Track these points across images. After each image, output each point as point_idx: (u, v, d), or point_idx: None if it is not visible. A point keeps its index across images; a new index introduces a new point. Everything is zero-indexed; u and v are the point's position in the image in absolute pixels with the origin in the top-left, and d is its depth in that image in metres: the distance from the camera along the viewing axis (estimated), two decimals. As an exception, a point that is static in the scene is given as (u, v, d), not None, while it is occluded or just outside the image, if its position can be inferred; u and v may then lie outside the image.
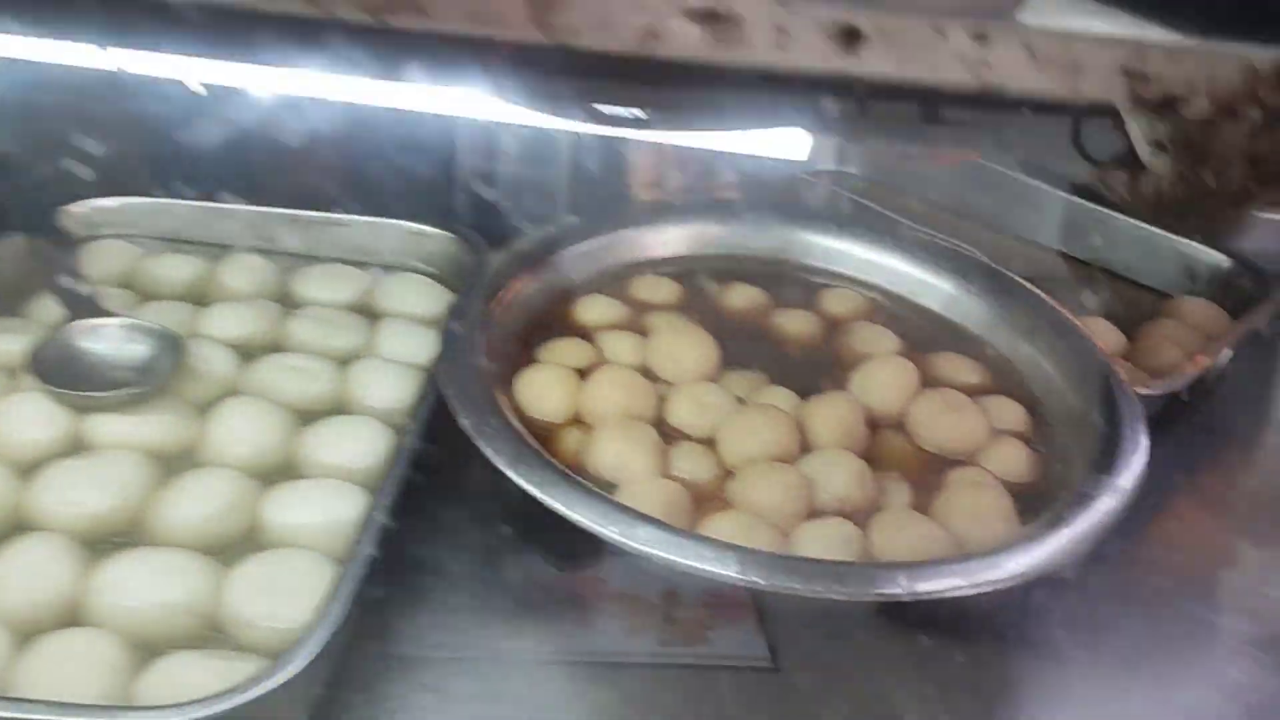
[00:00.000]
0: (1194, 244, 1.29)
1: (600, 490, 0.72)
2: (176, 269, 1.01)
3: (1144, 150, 0.39)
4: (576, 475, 0.73)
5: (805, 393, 0.88)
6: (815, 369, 0.94)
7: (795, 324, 1.00)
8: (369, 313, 1.00)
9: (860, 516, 0.78)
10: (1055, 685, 0.78)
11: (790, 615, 0.78)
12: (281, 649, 0.61)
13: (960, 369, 0.96)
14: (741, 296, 1.03)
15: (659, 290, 1.02)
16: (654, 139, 0.74)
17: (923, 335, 1.00)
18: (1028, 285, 0.99)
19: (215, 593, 0.69)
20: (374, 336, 0.95)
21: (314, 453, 0.81)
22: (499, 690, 0.71)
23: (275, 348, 0.93)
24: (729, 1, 0.32)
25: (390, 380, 0.88)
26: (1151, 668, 0.81)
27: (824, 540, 0.74)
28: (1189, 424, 1.10)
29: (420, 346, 0.93)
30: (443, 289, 1.02)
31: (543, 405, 0.85)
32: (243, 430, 0.81)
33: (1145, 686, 0.79)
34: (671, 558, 0.66)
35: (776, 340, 0.98)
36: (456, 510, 0.84)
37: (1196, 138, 0.38)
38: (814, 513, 0.78)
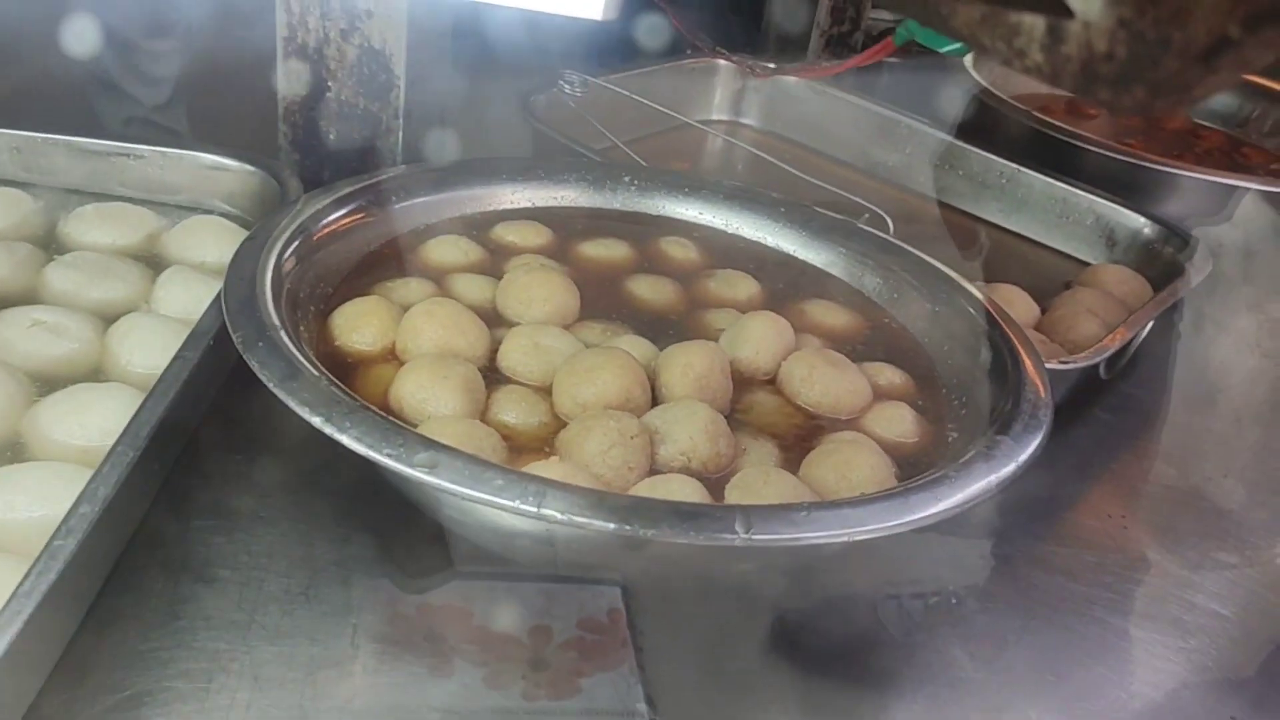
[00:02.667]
0: (1114, 206, 1.18)
1: (386, 416, 0.58)
2: (-89, 204, 0.83)
3: None
4: (362, 401, 0.58)
5: (668, 341, 0.74)
6: (688, 325, 0.81)
7: (663, 282, 0.85)
8: (153, 260, 0.83)
9: (713, 477, 0.65)
10: (952, 716, 0.65)
11: (673, 656, 0.64)
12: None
13: (843, 327, 0.83)
14: (609, 249, 0.88)
15: (527, 235, 0.87)
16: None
17: (807, 292, 0.86)
18: (922, 255, 0.86)
19: None
20: (151, 287, 0.78)
21: (45, 429, 0.65)
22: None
23: (25, 299, 0.76)
24: None
25: (159, 338, 0.72)
26: (1058, 689, 0.68)
27: (663, 496, 0.60)
28: (1106, 404, 0.99)
29: (204, 298, 0.76)
30: (244, 234, 0.85)
31: (353, 336, 0.71)
32: (-47, 400, 0.64)
33: (1051, 710, 0.67)
34: (453, 487, 0.52)
35: (645, 296, 0.84)
36: (234, 492, 0.69)
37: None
38: (656, 470, 0.64)
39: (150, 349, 0.71)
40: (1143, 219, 1.16)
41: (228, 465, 0.71)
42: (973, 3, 0.29)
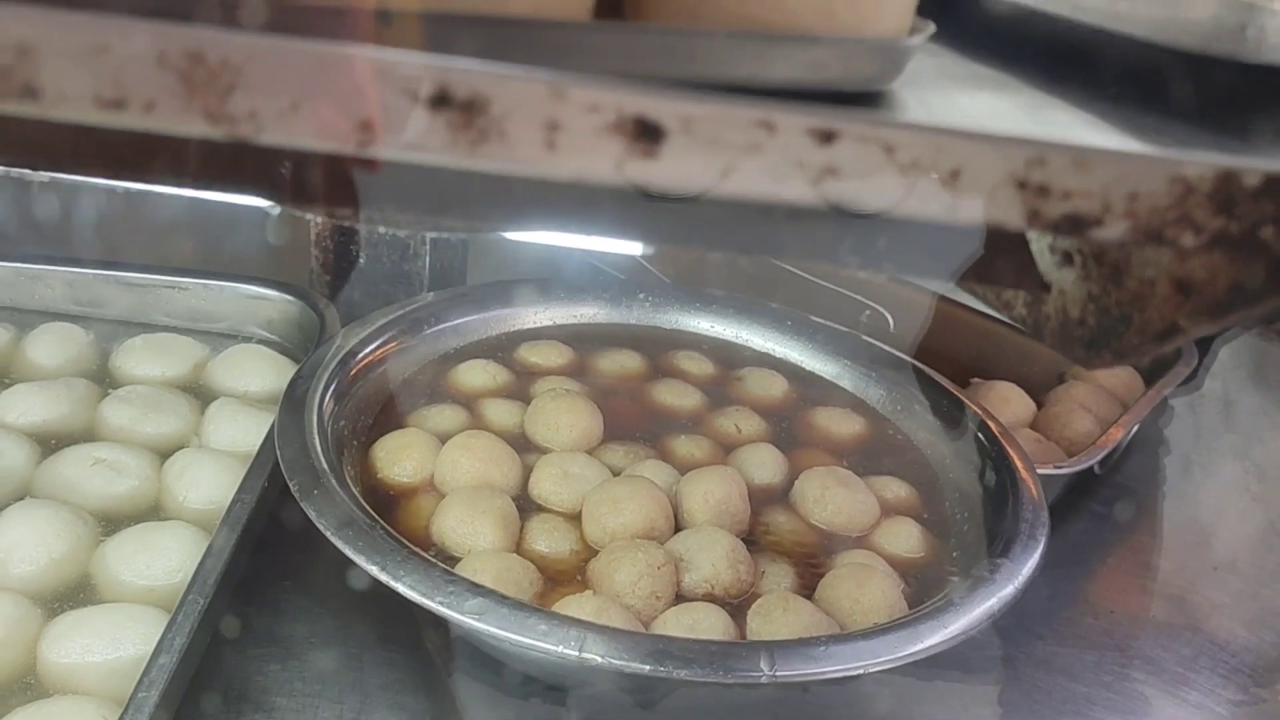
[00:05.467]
0: (1103, 300, 1.24)
1: (435, 561, 0.63)
2: (-26, 341, 0.89)
3: (1046, 262, 0.31)
4: (414, 545, 0.64)
5: (688, 465, 0.80)
6: (705, 432, 0.87)
7: (684, 389, 0.91)
8: (200, 390, 0.88)
9: (735, 601, 0.70)
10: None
11: None
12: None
13: (852, 438, 0.88)
14: (627, 364, 0.94)
15: (549, 355, 0.93)
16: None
17: (816, 402, 0.92)
18: (922, 367, 0.92)
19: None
20: (200, 419, 0.84)
21: (112, 570, 0.69)
22: None
23: (84, 436, 0.81)
24: (474, 83, 0.23)
25: (213, 475, 0.77)
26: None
27: (689, 628, 0.65)
28: (1100, 497, 1.03)
29: (252, 430, 0.81)
30: (286, 361, 0.91)
31: (394, 470, 0.76)
32: (29, 545, 0.69)
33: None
34: (503, 633, 0.57)
35: (660, 409, 0.89)
36: (289, 621, 0.74)
37: (1112, 251, 0.31)
38: (682, 597, 0.69)
39: (204, 486, 0.76)
40: (1131, 311, 1.21)
41: (279, 593, 0.76)
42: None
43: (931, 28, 0.35)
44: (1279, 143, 0.34)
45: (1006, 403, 1.05)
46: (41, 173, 0.93)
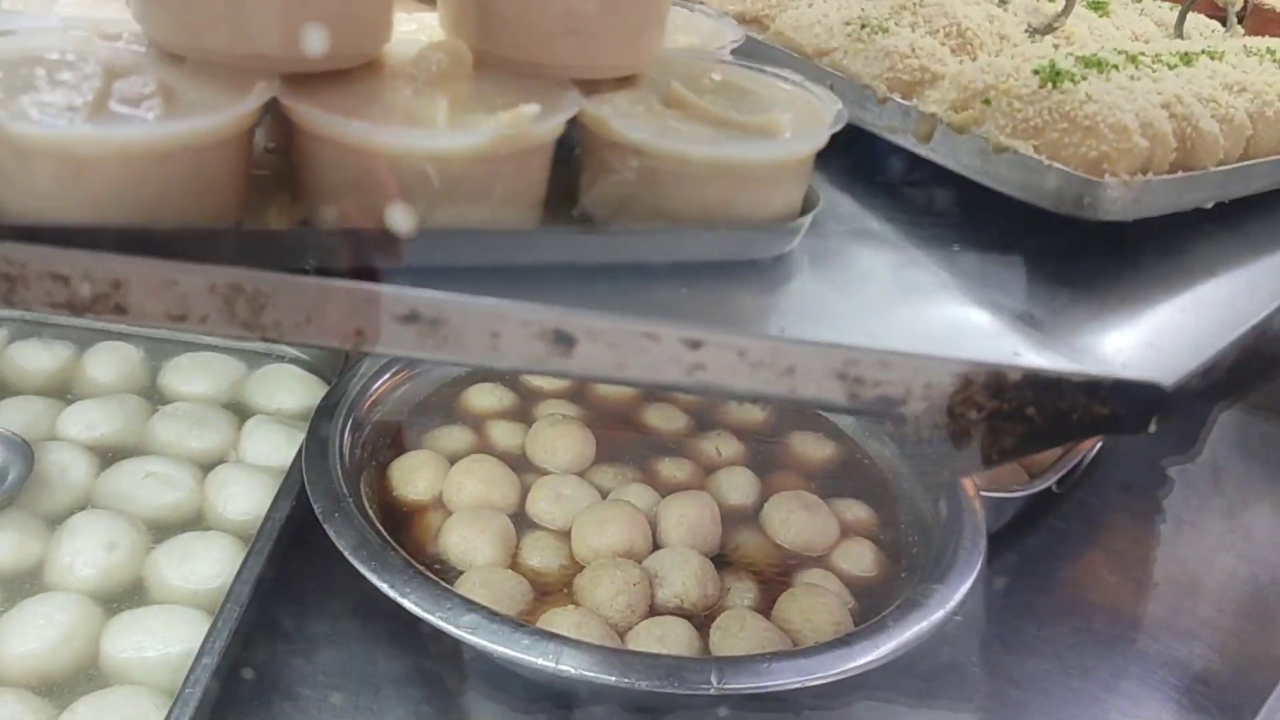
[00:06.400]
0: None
1: (437, 578, 0.74)
2: (40, 360, 0.99)
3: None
4: (421, 562, 0.74)
5: (670, 487, 0.90)
6: (688, 454, 0.96)
7: (670, 417, 1.01)
8: (237, 407, 0.98)
9: (702, 615, 0.79)
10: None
11: None
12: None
13: (823, 460, 0.98)
14: (623, 388, 1.03)
15: (551, 379, 1.02)
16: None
17: (792, 426, 1.01)
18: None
19: (42, 740, 0.68)
20: (238, 435, 0.94)
21: (162, 574, 0.80)
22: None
23: (136, 449, 0.92)
24: (438, 307, 0.33)
25: (249, 489, 0.87)
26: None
27: (659, 639, 0.75)
28: (1058, 513, 1.12)
29: (284, 447, 0.92)
30: (315, 380, 1.01)
31: (408, 489, 0.87)
32: (91, 551, 0.80)
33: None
34: (492, 646, 0.68)
35: (649, 431, 0.99)
36: (314, 620, 0.84)
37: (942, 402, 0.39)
38: (655, 610, 0.79)
39: (242, 499, 0.87)
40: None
41: (304, 595, 0.86)
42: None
43: (819, 205, 0.44)
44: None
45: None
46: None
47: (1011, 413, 0.36)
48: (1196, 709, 0.91)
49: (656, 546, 0.85)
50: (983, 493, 0.90)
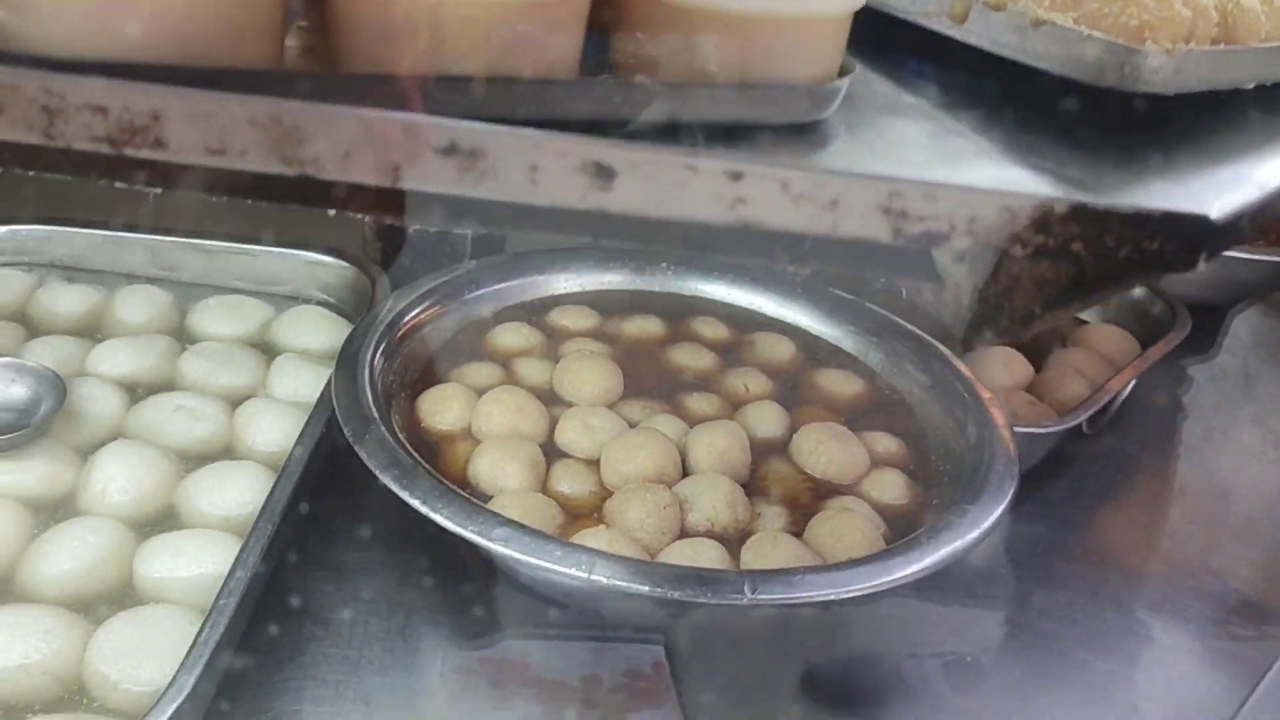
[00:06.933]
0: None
1: (469, 497, 0.73)
2: (69, 301, 1.00)
3: (941, 259, 0.39)
4: (452, 484, 0.74)
5: (698, 420, 0.89)
6: (717, 391, 0.96)
7: (698, 350, 1.00)
8: (266, 347, 0.99)
9: (733, 539, 0.79)
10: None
11: (711, 703, 0.78)
12: (142, 713, 0.60)
13: (851, 396, 0.97)
14: (648, 327, 1.03)
15: (576, 318, 1.02)
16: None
17: (820, 363, 1.00)
18: (920, 333, 1.00)
19: (78, 652, 0.68)
20: (266, 373, 0.94)
21: (194, 501, 0.80)
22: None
23: (166, 386, 0.92)
24: (476, 138, 0.32)
25: (278, 421, 0.88)
26: (1033, 713, 0.82)
27: (690, 559, 0.75)
28: (1089, 455, 1.11)
29: (312, 383, 0.92)
30: (342, 322, 1.01)
31: (436, 419, 0.87)
32: (122, 478, 0.80)
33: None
34: (524, 557, 0.67)
35: (676, 369, 0.98)
36: (343, 548, 0.85)
37: (987, 255, 0.39)
38: (685, 534, 0.79)
39: (271, 431, 0.87)
40: (1133, 281, 1.28)
41: (337, 524, 0.87)
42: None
43: (855, 71, 0.44)
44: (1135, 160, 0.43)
45: (1006, 367, 1.13)
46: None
47: (1058, 249, 0.36)
48: (1233, 639, 0.90)
49: (686, 476, 0.84)
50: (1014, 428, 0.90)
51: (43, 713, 0.65)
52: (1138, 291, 1.27)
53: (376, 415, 0.79)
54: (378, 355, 0.87)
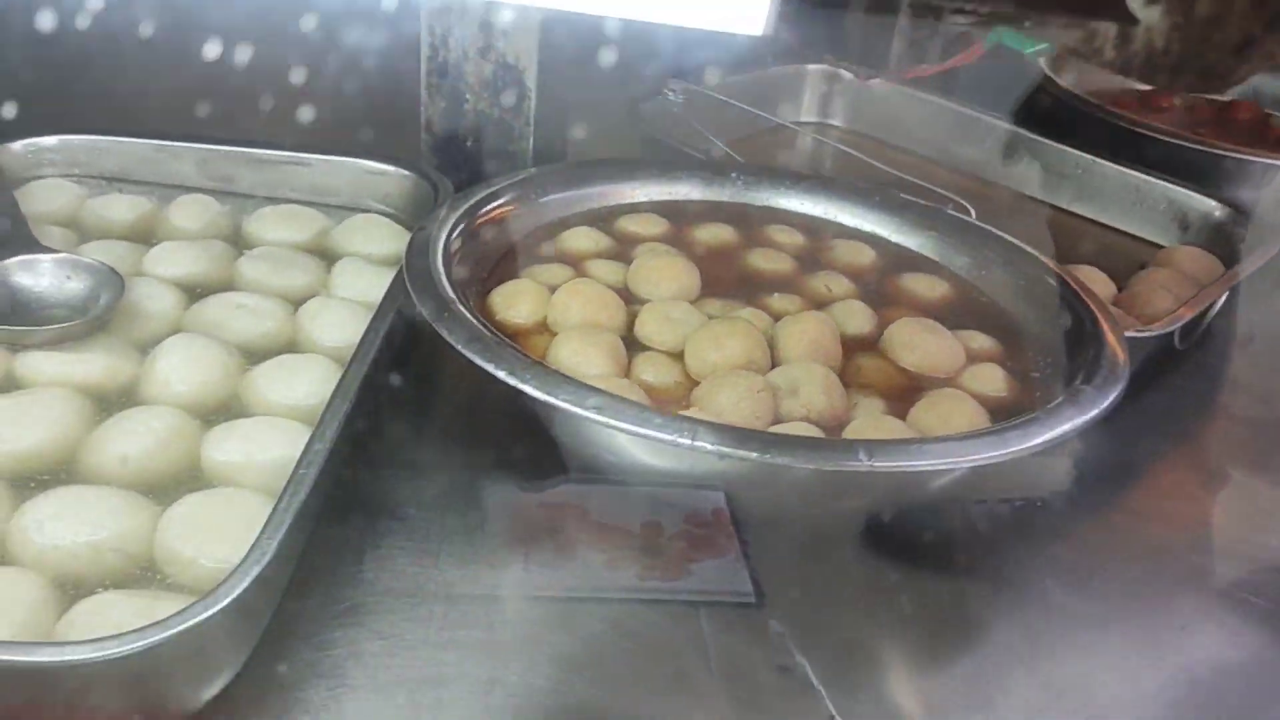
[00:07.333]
0: (1186, 191, 1.26)
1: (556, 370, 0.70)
2: (121, 208, 0.96)
3: (1136, 2, 0.35)
4: (534, 359, 0.70)
5: (783, 316, 0.85)
6: (799, 293, 0.92)
7: (776, 254, 0.96)
8: (324, 254, 0.95)
9: (830, 427, 0.74)
10: (1040, 628, 0.74)
11: (773, 551, 0.74)
12: (213, 588, 0.56)
13: (938, 299, 0.93)
14: (721, 235, 0.99)
15: (647, 224, 0.98)
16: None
17: (903, 269, 0.96)
18: (1006, 236, 0.96)
19: (147, 531, 0.64)
20: (328, 275, 0.90)
21: (260, 391, 0.76)
22: (453, 637, 0.67)
23: (224, 288, 0.88)
24: None
25: (343, 318, 0.84)
26: (1140, 615, 0.77)
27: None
28: (1181, 371, 1.06)
29: (375, 285, 0.87)
30: (402, 230, 0.97)
31: (510, 312, 0.83)
32: (184, 368, 0.76)
33: (1133, 633, 0.75)
34: (622, 424, 0.63)
35: (754, 271, 0.94)
36: (414, 445, 0.81)
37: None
38: (779, 421, 0.74)
39: (336, 326, 0.83)
40: (1214, 203, 1.23)
41: (405, 422, 0.82)
42: (1058, 14, 0.39)
43: None
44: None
45: (1089, 283, 1.08)
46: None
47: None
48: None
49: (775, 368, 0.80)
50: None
51: (114, 588, 0.61)
52: (1219, 213, 1.23)
53: (453, 296, 0.75)
54: (451, 245, 0.83)
